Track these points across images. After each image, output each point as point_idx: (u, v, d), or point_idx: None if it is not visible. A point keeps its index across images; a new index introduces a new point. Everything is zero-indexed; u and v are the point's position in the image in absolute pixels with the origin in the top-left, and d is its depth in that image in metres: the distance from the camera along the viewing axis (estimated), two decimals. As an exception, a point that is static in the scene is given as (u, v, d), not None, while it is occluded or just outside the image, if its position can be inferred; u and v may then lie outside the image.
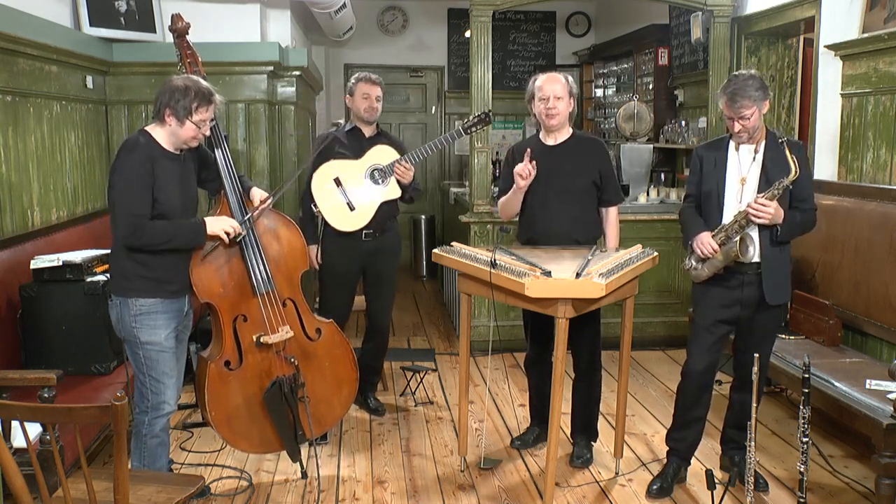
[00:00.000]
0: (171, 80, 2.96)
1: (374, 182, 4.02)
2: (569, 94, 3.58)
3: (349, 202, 3.99)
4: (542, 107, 3.56)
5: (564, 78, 3.59)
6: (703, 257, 3.25)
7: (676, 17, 6.58)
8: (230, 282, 3.24)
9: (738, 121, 3.13)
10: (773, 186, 3.10)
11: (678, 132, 6.39)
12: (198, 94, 2.92)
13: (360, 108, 4.09)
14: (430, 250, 3.92)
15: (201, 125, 2.96)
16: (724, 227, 3.21)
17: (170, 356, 3.05)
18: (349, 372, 3.58)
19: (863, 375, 3.48)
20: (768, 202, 3.08)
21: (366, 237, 4.07)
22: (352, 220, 4.00)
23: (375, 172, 4.02)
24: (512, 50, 8.83)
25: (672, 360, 5.31)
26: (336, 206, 3.98)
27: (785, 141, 3.13)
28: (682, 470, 3.53)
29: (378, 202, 4.04)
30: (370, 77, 4.14)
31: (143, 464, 3.07)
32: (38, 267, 3.54)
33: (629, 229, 5.29)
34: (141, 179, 2.88)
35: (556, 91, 3.54)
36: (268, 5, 5.59)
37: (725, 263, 3.20)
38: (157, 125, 2.98)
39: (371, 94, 4.09)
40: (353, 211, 4.00)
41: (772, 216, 3.09)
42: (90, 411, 2.07)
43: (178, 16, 3.32)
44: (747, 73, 3.17)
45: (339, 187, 3.99)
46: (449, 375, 5.04)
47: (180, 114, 2.91)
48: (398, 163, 4.01)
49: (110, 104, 5.20)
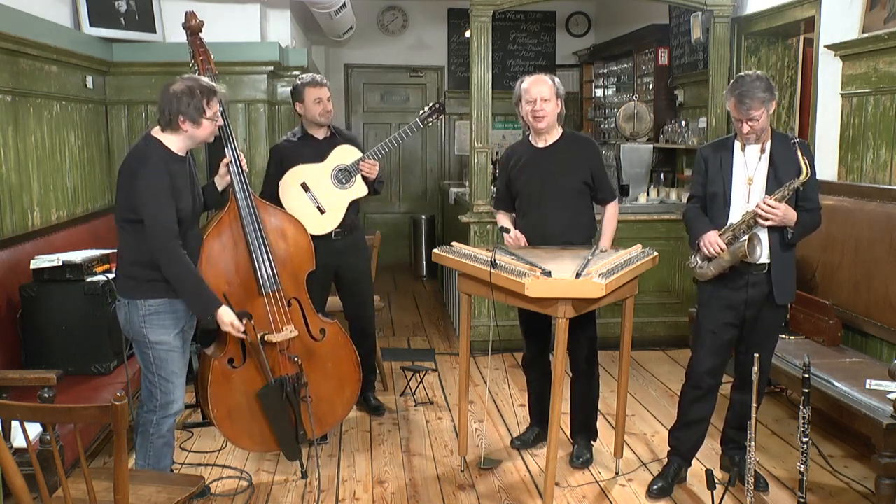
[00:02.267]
0: (171, 87, 2.93)
1: (341, 182, 4.02)
2: (556, 96, 3.55)
3: (319, 206, 3.99)
4: (529, 109, 3.55)
5: (551, 79, 3.58)
6: (709, 256, 3.25)
7: (676, 17, 6.58)
8: (236, 280, 3.25)
9: (746, 122, 3.11)
10: (784, 187, 3.09)
11: (678, 132, 6.39)
12: (203, 90, 2.92)
13: (315, 112, 4.02)
14: (430, 250, 3.92)
15: (216, 118, 2.98)
16: (732, 227, 3.19)
17: (179, 355, 3.06)
18: (352, 373, 3.58)
19: (863, 375, 3.48)
20: (777, 203, 3.07)
21: (336, 236, 4.07)
22: (323, 223, 4.00)
23: (340, 173, 4.02)
24: (512, 50, 8.82)
25: (672, 360, 5.31)
26: (306, 211, 3.95)
27: (797, 143, 3.12)
28: (682, 470, 3.52)
29: (347, 202, 4.04)
30: (316, 79, 4.07)
31: (147, 463, 3.08)
32: (38, 267, 3.54)
33: (629, 229, 5.29)
34: (166, 191, 2.87)
35: (542, 93, 3.52)
36: (268, 5, 5.59)
37: (732, 263, 3.18)
38: (166, 132, 2.96)
39: (322, 96, 4.03)
40: (323, 214, 4.00)
41: (780, 217, 3.08)
42: (90, 411, 2.07)
43: (191, 14, 3.34)
44: (754, 74, 3.14)
45: (306, 192, 3.98)
46: (449, 375, 5.04)
47: (195, 116, 2.91)
48: (363, 160, 4.01)
49: (110, 104, 5.21)
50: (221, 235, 3.20)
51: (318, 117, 4.05)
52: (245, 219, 3.23)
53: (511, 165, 3.71)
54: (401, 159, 8.85)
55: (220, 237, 3.20)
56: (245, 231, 3.25)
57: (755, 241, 3.13)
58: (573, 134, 3.73)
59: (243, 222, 3.23)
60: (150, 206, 2.85)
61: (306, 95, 4.03)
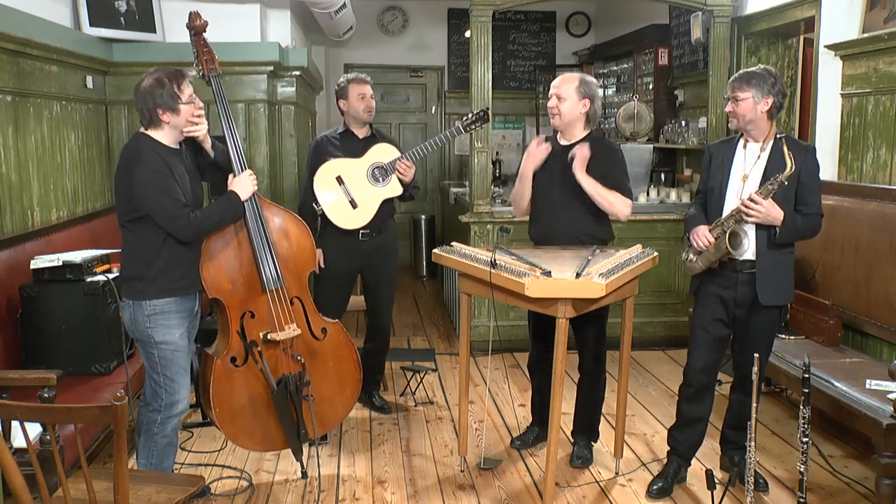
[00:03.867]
0: (140, 85, 2.95)
1: (376, 180, 4.03)
2: (580, 96, 3.51)
3: (352, 200, 4.00)
4: (549, 104, 3.58)
5: (579, 79, 3.54)
6: (698, 250, 3.27)
7: (676, 17, 6.58)
8: (239, 278, 3.25)
9: (731, 101, 3.18)
10: (768, 182, 3.10)
11: (678, 132, 6.39)
12: (170, 76, 2.94)
13: (359, 108, 4.07)
14: (430, 250, 3.92)
15: (193, 100, 2.98)
16: (721, 222, 3.22)
17: (184, 355, 3.07)
18: (353, 373, 3.58)
19: (863, 375, 3.48)
20: (759, 199, 3.07)
21: (363, 237, 4.07)
22: (354, 217, 4.01)
23: (377, 170, 4.03)
24: (512, 50, 8.82)
25: (672, 360, 5.31)
26: (339, 204, 3.99)
27: (784, 137, 3.14)
28: (682, 470, 3.52)
29: (380, 199, 4.04)
30: (360, 77, 4.13)
31: (150, 463, 3.08)
32: (38, 267, 3.53)
33: (629, 229, 5.29)
34: (164, 179, 2.89)
35: (559, 90, 3.53)
36: (268, 5, 5.59)
37: (718, 257, 3.20)
38: (152, 128, 2.98)
39: (366, 93, 4.08)
40: (355, 209, 4.01)
41: (763, 214, 3.08)
42: (90, 411, 2.07)
43: (196, 13, 3.34)
44: (763, 67, 3.22)
45: (341, 185, 3.99)
46: (449, 375, 5.04)
47: (171, 103, 2.92)
48: (399, 161, 4.01)
49: (110, 104, 5.20)
50: (224, 233, 3.21)
51: (363, 113, 4.08)
52: (248, 217, 3.23)
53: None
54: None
55: (224, 235, 3.20)
56: (248, 229, 3.25)
57: (740, 234, 3.15)
58: (599, 138, 3.65)
59: (247, 220, 3.23)
60: (154, 193, 2.86)
61: (350, 92, 4.07)
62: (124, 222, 2.97)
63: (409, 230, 8.51)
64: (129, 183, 2.89)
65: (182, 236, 2.95)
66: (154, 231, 2.93)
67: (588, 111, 3.55)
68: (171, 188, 2.90)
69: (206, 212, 3.03)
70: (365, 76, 4.15)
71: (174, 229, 2.92)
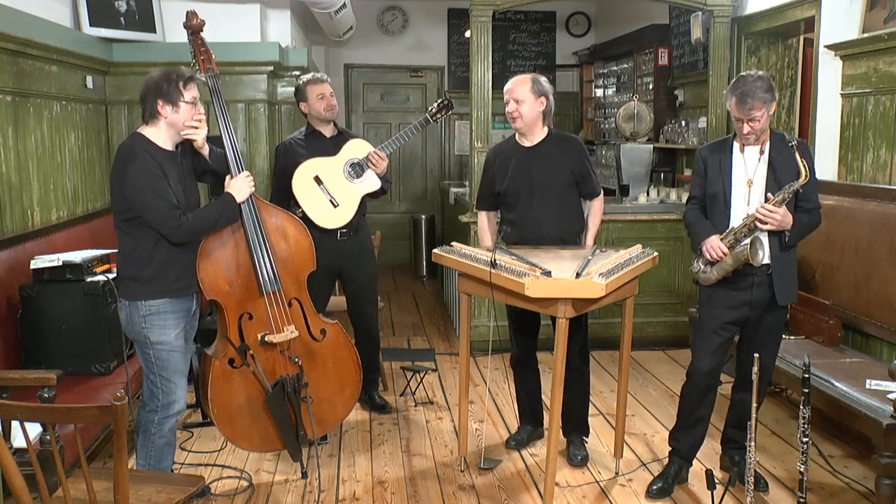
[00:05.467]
0: (149, 78, 2.98)
1: (353, 176, 4.04)
2: (536, 95, 3.55)
3: (332, 199, 4.00)
4: (507, 109, 3.60)
5: (531, 80, 3.58)
6: (711, 260, 3.24)
7: (676, 17, 6.58)
8: (237, 280, 3.25)
9: (747, 122, 3.10)
10: (783, 191, 3.08)
11: (678, 132, 6.39)
12: (179, 75, 2.96)
13: (320, 108, 4.07)
14: (429, 250, 3.92)
15: (195, 102, 2.98)
16: (734, 231, 3.18)
17: (180, 355, 3.06)
18: (353, 373, 3.58)
19: (863, 375, 3.48)
20: (775, 208, 3.06)
21: (341, 236, 4.08)
22: (337, 216, 4.01)
23: (353, 167, 4.04)
24: (512, 50, 8.82)
25: (672, 360, 5.31)
26: (319, 205, 3.98)
27: (795, 144, 3.12)
28: (683, 470, 3.52)
29: (360, 195, 4.06)
30: (317, 77, 4.14)
31: (148, 463, 3.08)
32: (38, 267, 3.54)
33: (629, 229, 5.29)
34: (156, 180, 2.89)
35: (514, 94, 3.56)
36: (268, 5, 5.59)
37: (735, 267, 3.17)
38: (150, 126, 2.99)
39: (325, 92, 4.08)
40: (336, 207, 4.01)
41: (779, 221, 3.08)
42: (90, 411, 2.07)
43: (192, 13, 3.35)
44: (755, 74, 3.12)
45: (320, 185, 3.99)
46: (449, 375, 5.04)
47: (174, 98, 2.93)
48: (372, 153, 4.02)
49: (110, 104, 5.21)
50: (222, 235, 3.20)
51: (324, 112, 4.08)
52: (245, 218, 3.23)
53: (497, 165, 3.73)
54: (401, 159, 8.86)
55: (221, 236, 3.20)
56: (246, 230, 3.25)
57: (757, 243, 3.12)
58: (559, 134, 3.73)
59: (244, 222, 3.23)
60: (146, 193, 2.86)
61: (309, 93, 4.07)
62: (120, 223, 2.97)
63: (409, 230, 8.50)
64: (122, 183, 2.89)
65: (173, 238, 2.94)
66: (147, 232, 2.93)
67: (544, 109, 3.60)
68: (163, 189, 2.89)
69: (200, 214, 3.03)
70: (322, 76, 4.16)
71: (165, 231, 2.92)
